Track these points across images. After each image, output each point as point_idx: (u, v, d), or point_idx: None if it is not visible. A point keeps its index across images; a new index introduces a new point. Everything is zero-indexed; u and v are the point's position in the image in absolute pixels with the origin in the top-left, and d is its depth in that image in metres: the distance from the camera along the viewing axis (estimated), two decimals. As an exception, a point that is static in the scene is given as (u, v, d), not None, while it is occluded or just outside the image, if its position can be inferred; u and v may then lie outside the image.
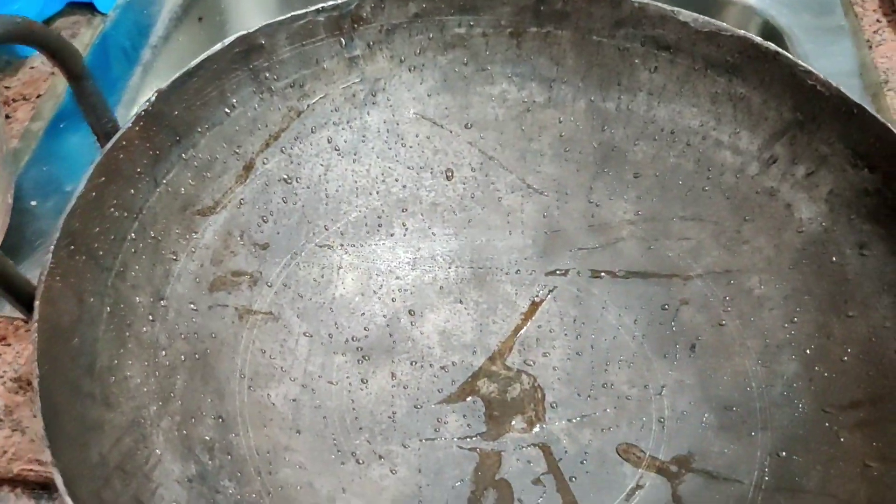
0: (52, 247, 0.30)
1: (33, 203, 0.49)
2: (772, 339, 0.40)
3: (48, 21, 0.58)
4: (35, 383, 0.27)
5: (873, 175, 0.38)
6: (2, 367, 0.42)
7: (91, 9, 0.58)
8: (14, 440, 0.40)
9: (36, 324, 0.28)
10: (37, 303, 0.29)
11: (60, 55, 0.31)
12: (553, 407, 0.41)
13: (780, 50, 0.40)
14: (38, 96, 0.54)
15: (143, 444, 0.32)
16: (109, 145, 0.34)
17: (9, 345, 0.43)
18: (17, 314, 0.43)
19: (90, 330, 0.32)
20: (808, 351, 0.39)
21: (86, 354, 0.31)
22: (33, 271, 0.43)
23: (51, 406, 0.27)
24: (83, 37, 0.58)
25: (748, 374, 0.40)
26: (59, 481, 0.25)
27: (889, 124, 0.37)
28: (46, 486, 0.38)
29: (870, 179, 0.38)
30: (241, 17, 0.69)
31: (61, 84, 0.55)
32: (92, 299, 0.32)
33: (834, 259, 0.39)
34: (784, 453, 0.37)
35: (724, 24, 0.41)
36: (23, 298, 0.29)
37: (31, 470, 0.39)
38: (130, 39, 0.59)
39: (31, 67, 0.56)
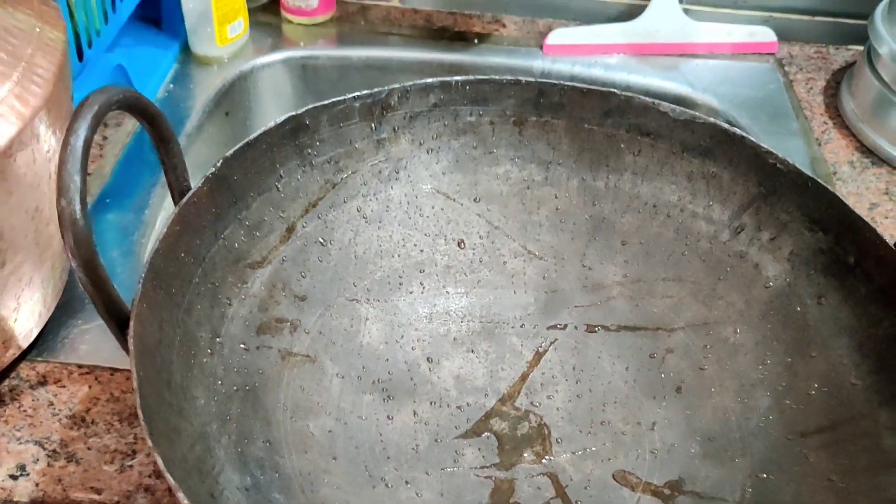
0: (142, 278, 0.36)
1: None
2: (746, 380, 0.46)
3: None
4: (135, 383, 0.32)
5: (826, 236, 0.45)
6: (58, 405, 0.46)
7: (137, 101, 0.65)
8: (69, 470, 0.44)
9: (132, 339, 0.33)
10: (132, 322, 0.34)
11: (155, 122, 0.37)
12: (558, 442, 0.46)
13: (745, 134, 0.47)
14: (87, 175, 0.60)
15: (209, 453, 0.36)
16: (185, 200, 0.40)
17: (63, 386, 0.47)
18: (71, 360, 0.48)
19: (167, 352, 0.37)
20: (778, 388, 0.44)
21: (165, 371, 0.36)
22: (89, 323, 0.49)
23: (146, 404, 0.32)
24: (126, 125, 0.65)
25: (727, 409, 0.45)
26: (160, 461, 0.29)
27: (837, 193, 0.44)
28: (102, 510, 0.42)
29: (823, 240, 0.45)
30: (262, 114, 0.77)
31: (107, 166, 0.62)
32: (167, 328, 0.38)
33: (797, 309, 0.46)
34: (763, 475, 0.42)
35: (698, 113, 0.48)
36: (118, 319, 0.35)
37: (85, 497, 0.43)
38: (169, 128, 0.66)
39: (81, 150, 0.62)
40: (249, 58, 0.75)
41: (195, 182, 0.42)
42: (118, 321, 0.35)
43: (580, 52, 0.77)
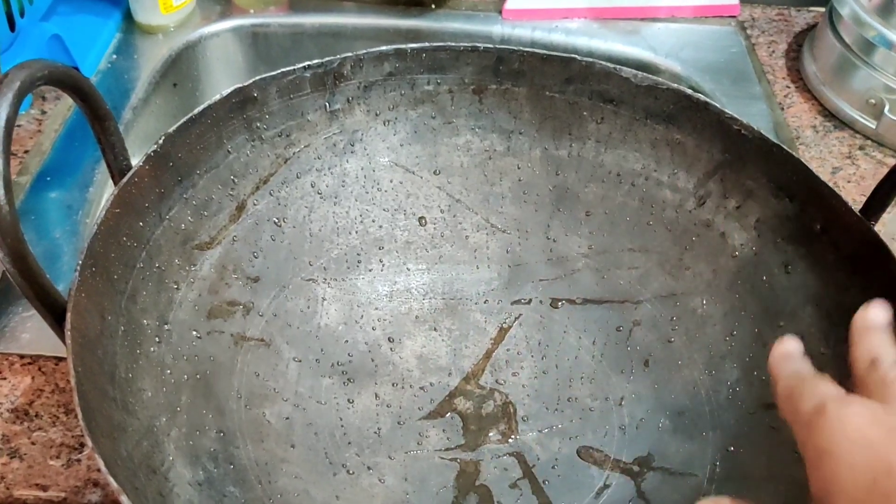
0: (79, 266, 0.34)
1: (24, 250, 0.51)
2: (715, 351, 0.45)
3: (33, 85, 0.61)
4: (72, 381, 0.30)
5: (792, 203, 0.44)
6: (-1, 399, 0.44)
7: (76, 73, 0.62)
8: (12, 467, 0.41)
9: (69, 332, 0.31)
10: (69, 314, 0.32)
11: (88, 98, 0.35)
12: (524, 420, 0.45)
13: (709, 100, 0.46)
14: (25, 152, 0.57)
15: (157, 448, 0.34)
16: (124, 181, 0.38)
17: (4, 378, 0.45)
18: (12, 350, 0.46)
19: (110, 343, 0.35)
20: (747, 359, 0.44)
21: (108, 364, 0.34)
22: (31, 310, 0.46)
23: (85, 402, 0.30)
24: (67, 98, 0.61)
25: (696, 382, 0.44)
26: (101, 463, 0.27)
27: (802, 159, 0.43)
28: (48, 508, 0.40)
29: (790, 207, 0.44)
30: (212, 85, 0.74)
31: (46, 141, 0.58)
32: (109, 317, 0.35)
33: (764, 278, 0.45)
34: (732, 448, 0.41)
35: (660, 78, 0.47)
36: (54, 310, 0.32)
37: (30, 494, 0.41)
38: (111, 101, 0.62)
39: (18, 126, 0.59)
40: (197, 26, 0.72)
41: (136, 161, 0.39)
42: (54, 313, 0.32)
43: (540, 16, 0.74)
